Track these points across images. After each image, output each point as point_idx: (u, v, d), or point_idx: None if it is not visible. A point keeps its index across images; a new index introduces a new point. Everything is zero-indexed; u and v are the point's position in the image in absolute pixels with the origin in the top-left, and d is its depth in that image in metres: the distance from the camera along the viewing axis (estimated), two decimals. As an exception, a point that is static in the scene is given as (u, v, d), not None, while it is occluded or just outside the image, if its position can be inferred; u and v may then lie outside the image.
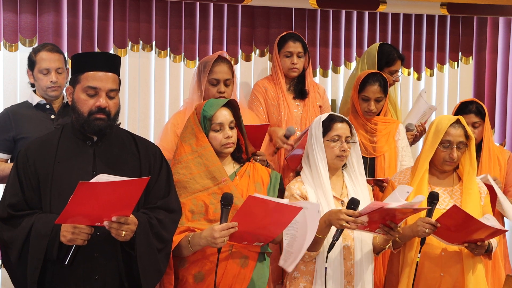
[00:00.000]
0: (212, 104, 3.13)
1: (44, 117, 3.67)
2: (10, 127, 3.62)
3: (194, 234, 2.94)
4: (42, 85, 3.65)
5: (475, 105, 3.94)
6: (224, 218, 2.82)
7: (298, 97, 4.24)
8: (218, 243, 2.81)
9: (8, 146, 3.62)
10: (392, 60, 4.41)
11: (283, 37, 4.28)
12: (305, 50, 4.25)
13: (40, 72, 3.65)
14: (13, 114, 3.66)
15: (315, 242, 3.04)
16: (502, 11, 5.21)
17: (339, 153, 3.21)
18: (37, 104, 3.69)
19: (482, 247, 3.19)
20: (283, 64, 4.23)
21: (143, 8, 4.60)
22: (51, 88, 3.64)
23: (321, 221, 3.01)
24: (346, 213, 2.93)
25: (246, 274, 3.03)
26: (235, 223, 2.80)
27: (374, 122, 4.04)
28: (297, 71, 4.23)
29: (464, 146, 3.36)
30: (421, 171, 3.37)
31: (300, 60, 4.22)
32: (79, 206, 2.46)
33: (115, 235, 2.60)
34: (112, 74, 2.76)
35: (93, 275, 2.70)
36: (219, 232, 2.79)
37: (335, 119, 3.25)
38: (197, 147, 3.08)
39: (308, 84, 4.28)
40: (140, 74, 4.65)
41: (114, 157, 2.80)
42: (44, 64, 3.64)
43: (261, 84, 4.28)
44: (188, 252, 2.97)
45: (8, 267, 2.74)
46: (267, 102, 4.20)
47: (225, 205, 2.81)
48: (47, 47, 3.71)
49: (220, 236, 2.79)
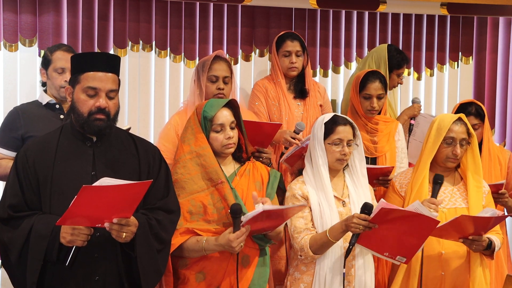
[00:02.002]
0: (212, 104, 3.12)
1: (54, 116, 3.66)
2: (19, 125, 3.61)
3: (208, 240, 2.96)
4: (56, 84, 3.67)
5: (474, 106, 3.92)
6: (236, 227, 2.84)
7: (299, 96, 4.23)
8: (236, 250, 2.86)
9: (17, 144, 3.59)
10: (402, 63, 4.44)
11: (280, 37, 4.27)
12: (304, 49, 4.24)
13: (55, 71, 3.67)
14: (23, 113, 3.66)
15: (326, 246, 3.06)
16: (502, 11, 5.21)
17: (339, 157, 3.20)
18: (47, 103, 3.69)
19: (479, 243, 3.17)
20: (282, 64, 4.22)
21: (143, 8, 4.59)
22: (64, 88, 3.64)
23: (338, 227, 3.03)
24: (359, 217, 2.94)
25: (247, 273, 3.04)
26: (248, 227, 2.83)
27: (375, 122, 4.04)
28: (296, 70, 4.22)
29: (466, 143, 3.37)
30: (423, 169, 3.38)
31: (299, 59, 4.21)
32: (81, 208, 2.46)
33: (115, 236, 2.60)
34: (112, 74, 2.75)
35: (93, 276, 2.70)
36: (235, 241, 2.83)
37: (338, 122, 3.23)
38: (195, 147, 3.08)
39: (308, 83, 4.27)
40: (140, 74, 4.65)
41: (113, 158, 2.80)
42: (60, 63, 3.66)
43: (261, 83, 4.28)
44: (199, 255, 2.99)
45: (8, 268, 2.73)
46: (268, 102, 4.19)
47: (235, 217, 2.85)
48: (63, 47, 3.75)
49: (237, 245, 2.84)
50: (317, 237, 3.08)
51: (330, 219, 3.13)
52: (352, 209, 3.20)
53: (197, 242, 2.97)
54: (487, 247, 3.22)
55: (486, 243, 3.20)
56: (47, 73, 3.71)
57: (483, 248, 3.21)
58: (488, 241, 3.21)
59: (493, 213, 3.13)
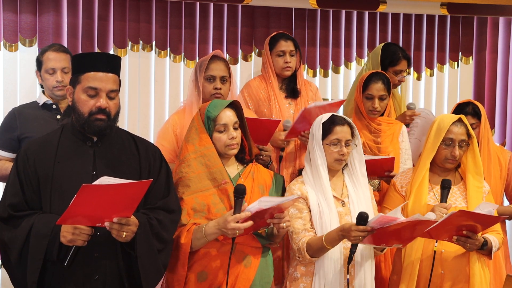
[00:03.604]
0: (216, 105, 3.13)
1: (50, 117, 3.67)
2: (15, 127, 3.63)
3: (209, 224, 2.94)
4: (49, 84, 3.68)
5: (471, 106, 3.91)
6: (237, 209, 2.83)
7: (290, 96, 4.19)
8: (230, 233, 2.83)
9: (13, 145, 3.62)
10: (396, 59, 4.38)
11: (273, 37, 4.23)
12: (297, 48, 4.23)
13: (46, 72, 3.68)
14: (19, 114, 3.68)
15: (322, 251, 3.06)
16: (502, 11, 5.21)
17: (337, 157, 3.20)
18: (43, 104, 3.70)
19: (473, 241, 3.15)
20: (275, 64, 4.19)
21: (143, 8, 4.60)
22: (57, 88, 3.66)
23: (334, 235, 3.01)
24: (357, 229, 2.92)
25: (249, 274, 3.03)
26: (248, 213, 2.80)
27: (377, 123, 4.03)
28: (290, 70, 4.19)
29: (465, 144, 3.37)
30: (422, 169, 3.39)
31: (292, 58, 4.19)
32: (81, 207, 2.46)
33: (116, 236, 2.60)
34: (112, 74, 2.75)
35: (93, 275, 2.70)
36: (232, 223, 2.81)
37: (335, 122, 3.22)
38: (199, 147, 3.08)
39: (300, 83, 4.25)
40: (140, 74, 4.65)
41: (114, 158, 2.80)
42: (50, 64, 3.67)
43: (252, 84, 4.25)
44: (202, 242, 2.97)
45: (8, 267, 2.73)
46: (258, 103, 4.17)
47: (238, 197, 2.83)
48: (53, 47, 3.75)
49: (233, 227, 2.81)
50: (313, 242, 3.08)
51: (329, 219, 3.13)
52: (351, 209, 3.20)
53: (199, 228, 2.97)
54: (482, 247, 3.21)
55: (480, 243, 3.19)
56: (41, 75, 3.72)
57: (477, 248, 3.20)
58: (483, 241, 3.20)
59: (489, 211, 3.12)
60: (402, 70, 4.39)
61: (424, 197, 3.35)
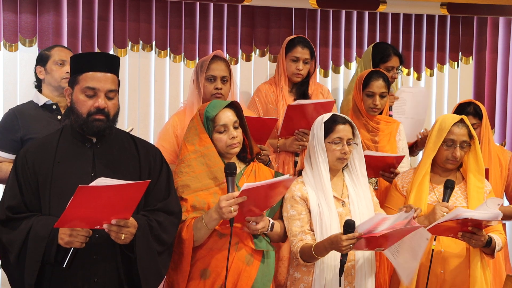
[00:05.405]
0: (215, 105, 3.13)
1: (51, 117, 3.65)
2: (18, 128, 3.59)
3: (208, 212, 2.93)
4: (57, 76, 3.67)
5: (473, 106, 3.91)
6: (231, 188, 2.83)
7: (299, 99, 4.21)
8: (225, 213, 2.81)
9: (15, 147, 3.55)
10: (387, 56, 4.42)
11: (292, 41, 4.23)
12: (312, 56, 4.24)
13: (55, 64, 3.68)
14: (20, 114, 3.63)
15: (313, 259, 3.07)
16: (502, 11, 5.21)
17: (340, 156, 3.20)
18: (44, 104, 3.68)
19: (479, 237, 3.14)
20: (288, 68, 4.20)
21: (143, 8, 4.60)
22: (66, 79, 3.61)
23: (322, 247, 2.99)
24: (347, 239, 2.89)
25: (251, 272, 3.03)
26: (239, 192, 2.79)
27: (376, 121, 4.04)
28: (300, 77, 4.21)
29: (467, 145, 3.37)
30: (423, 169, 3.38)
31: (305, 66, 4.20)
32: (78, 210, 2.44)
33: (114, 238, 2.59)
34: (111, 74, 2.74)
35: (92, 278, 2.69)
36: (224, 201, 2.80)
37: (337, 121, 3.23)
38: (200, 147, 3.08)
39: (312, 89, 4.27)
40: (140, 74, 4.65)
41: (113, 159, 2.79)
42: (59, 56, 3.70)
43: (262, 88, 4.27)
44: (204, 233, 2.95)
45: (7, 269, 2.73)
46: (267, 105, 4.19)
47: (230, 174, 2.84)
48: (60, 46, 3.82)
49: (225, 206, 2.79)
50: (305, 249, 3.07)
51: (329, 220, 3.13)
52: (351, 209, 3.20)
53: (198, 218, 2.96)
54: (487, 244, 3.21)
55: (486, 239, 3.17)
56: (46, 69, 3.70)
57: (482, 244, 3.18)
58: (488, 238, 3.20)
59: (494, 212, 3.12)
60: (393, 66, 4.44)
61: (424, 196, 3.35)
